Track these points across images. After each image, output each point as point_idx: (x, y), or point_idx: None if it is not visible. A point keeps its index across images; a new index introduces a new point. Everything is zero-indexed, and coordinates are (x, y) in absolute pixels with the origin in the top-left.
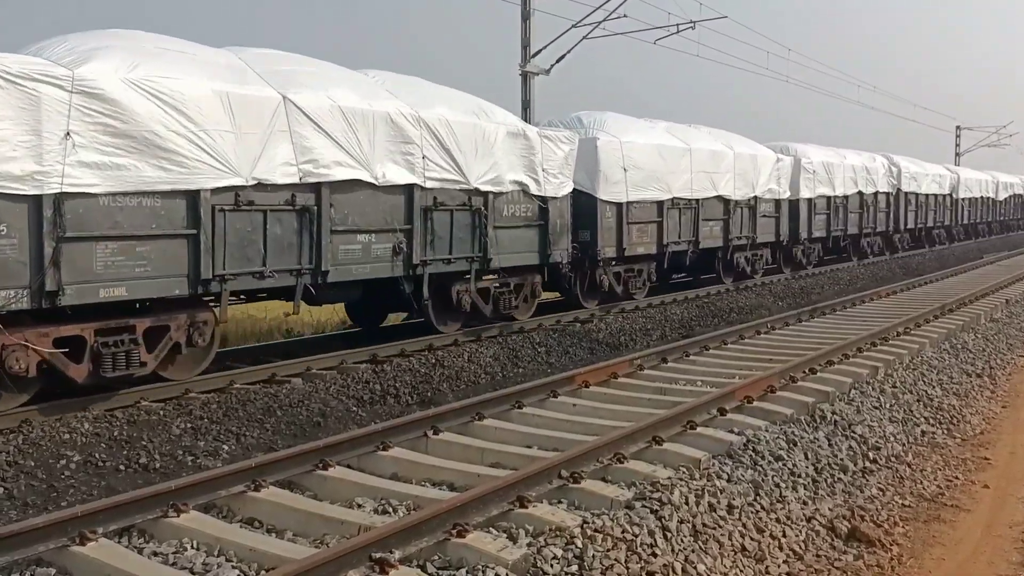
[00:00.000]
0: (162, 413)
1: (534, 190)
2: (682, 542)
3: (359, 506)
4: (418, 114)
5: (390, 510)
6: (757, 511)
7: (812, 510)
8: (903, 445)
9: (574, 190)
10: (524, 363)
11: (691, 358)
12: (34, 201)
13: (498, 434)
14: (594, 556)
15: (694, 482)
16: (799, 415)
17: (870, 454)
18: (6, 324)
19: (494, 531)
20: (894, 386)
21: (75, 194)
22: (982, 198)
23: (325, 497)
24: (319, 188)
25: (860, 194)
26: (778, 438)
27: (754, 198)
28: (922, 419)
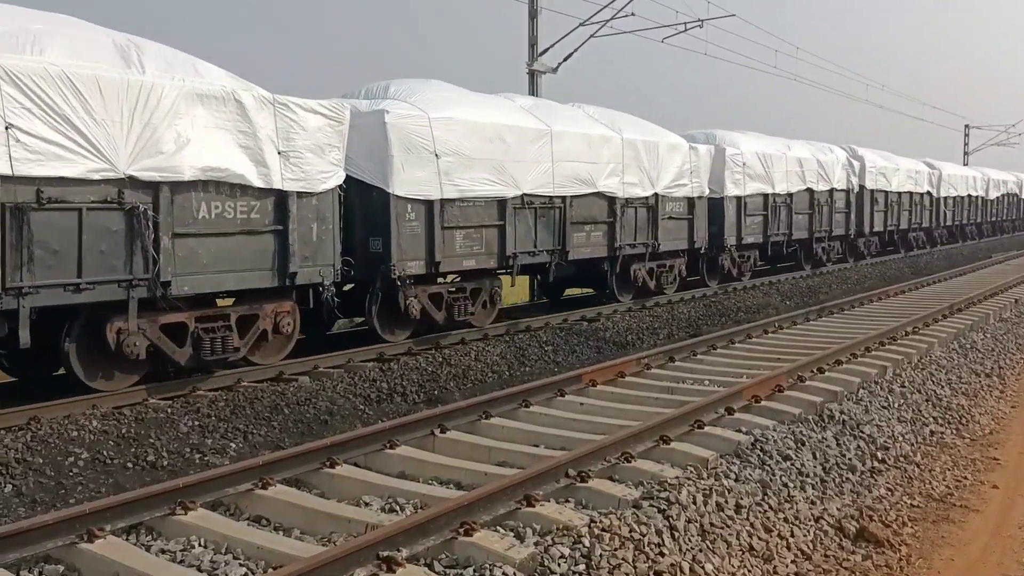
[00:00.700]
0: (170, 411)
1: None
2: (690, 541)
3: (366, 504)
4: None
5: (397, 508)
6: (765, 511)
7: (820, 510)
8: (912, 445)
9: (351, 180)
10: (531, 362)
11: (698, 357)
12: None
13: (505, 433)
14: (601, 555)
15: (702, 481)
16: (807, 414)
17: (878, 454)
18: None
19: (501, 530)
20: (903, 386)
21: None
22: (969, 197)
23: (332, 495)
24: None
25: (810, 191)
26: (786, 437)
27: (655, 196)
28: (931, 419)
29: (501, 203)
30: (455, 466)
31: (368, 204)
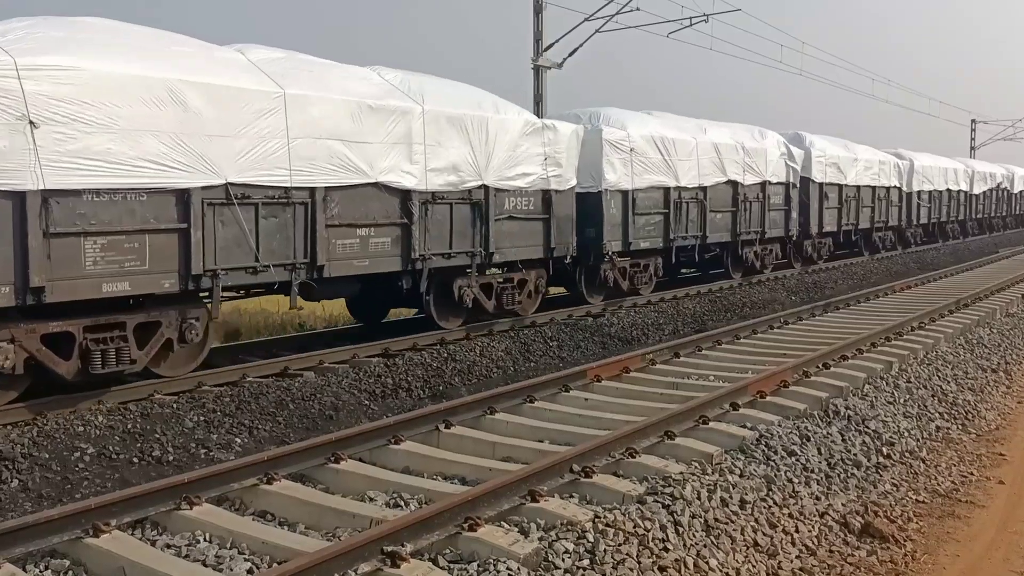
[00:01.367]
0: (175, 406)
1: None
2: (694, 537)
3: (371, 499)
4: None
5: (402, 503)
6: (769, 506)
7: (825, 505)
8: (917, 440)
9: None
10: (536, 357)
11: (703, 353)
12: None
13: (510, 428)
14: (606, 550)
15: (706, 477)
16: (812, 410)
17: (884, 449)
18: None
19: (506, 525)
20: (908, 381)
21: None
22: (949, 192)
23: (337, 490)
24: None
25: (733, 185)
26: (791, 433)
27: (483, 187)
28: (937, 414)
29: (182, 194)
30: (460, 461)
31: None
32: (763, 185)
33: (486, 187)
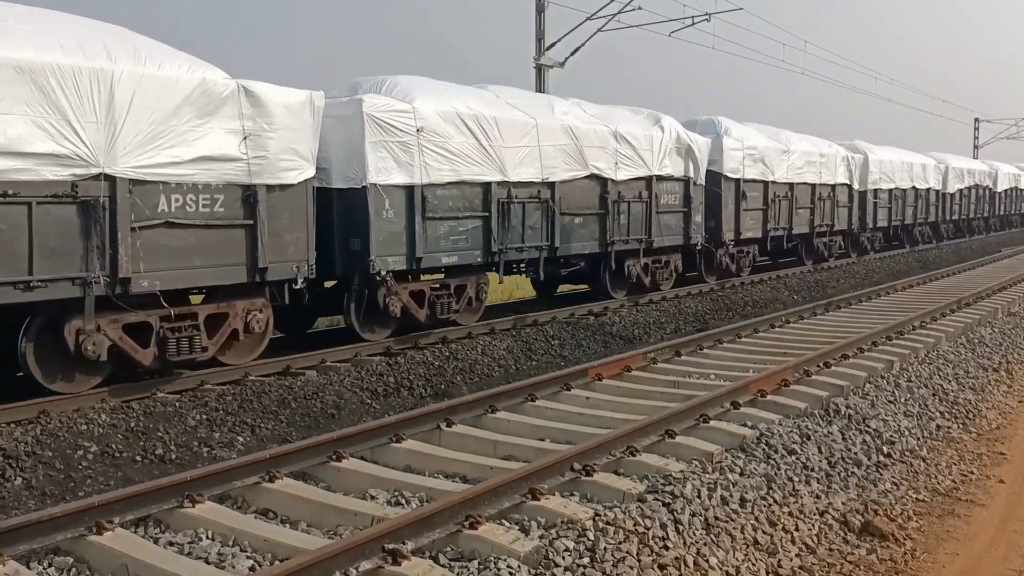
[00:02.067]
0: (178, 405)
1: None
2: (694, 535)
3: (372, 498)
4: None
5: (403, 502)
6: (770, 505)
7: (825, 504)
8: (918, 439)
9: None
10: (537, 356)
11: (704, 351)
12: None
13: (511, 427)
14: (606, 548)
15: (707, 475)
16: (813, 409)
17: (884, 448)
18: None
19: (506, 523)
20: (909, 380)
21: None
22: (915, 190)
23: (339, 488)
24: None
25: (599, 180)
26: (791, 432)
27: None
28: (937, 413)
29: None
30: (461, 460)
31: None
32: (648, 181)
33: (108, 176)
